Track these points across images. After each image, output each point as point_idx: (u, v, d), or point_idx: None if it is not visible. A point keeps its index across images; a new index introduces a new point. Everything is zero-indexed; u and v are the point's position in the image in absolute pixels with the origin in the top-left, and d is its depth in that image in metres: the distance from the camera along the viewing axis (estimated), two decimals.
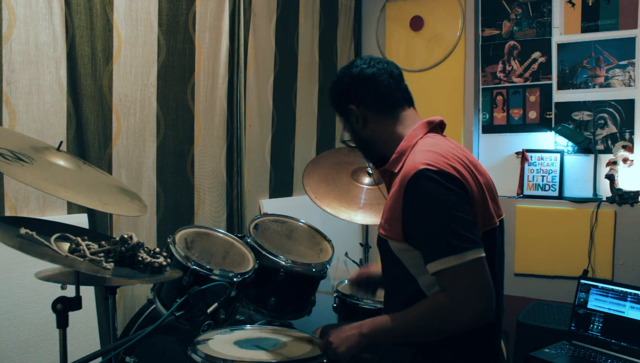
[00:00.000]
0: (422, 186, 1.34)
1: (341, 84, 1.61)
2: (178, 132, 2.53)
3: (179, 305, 1.51)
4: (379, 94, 1.56)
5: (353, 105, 1.57)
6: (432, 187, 1.33)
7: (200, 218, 2.65)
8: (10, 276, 1.87)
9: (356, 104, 1.57)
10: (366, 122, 1.57)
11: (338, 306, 2.31)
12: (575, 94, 3.34)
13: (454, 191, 1.34)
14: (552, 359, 2.24)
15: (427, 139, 1.50)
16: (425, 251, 1.36)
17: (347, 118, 1.61)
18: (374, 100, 1.56)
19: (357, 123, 1.59)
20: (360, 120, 1.57)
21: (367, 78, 1.56)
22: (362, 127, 1.58)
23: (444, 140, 1.51)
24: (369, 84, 1.56)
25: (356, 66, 1.58)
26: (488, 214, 1.45)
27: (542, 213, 3.33)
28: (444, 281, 1.33)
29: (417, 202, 1.36)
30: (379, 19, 3.89)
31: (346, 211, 2.46)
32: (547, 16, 3.41)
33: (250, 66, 2.91)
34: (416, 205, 1.36)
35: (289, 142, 3.29)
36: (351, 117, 1.59)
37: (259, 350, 1.59)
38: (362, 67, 1.57)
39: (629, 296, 2.33)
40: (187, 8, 2.53)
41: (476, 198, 1.40)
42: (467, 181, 1.38)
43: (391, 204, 1.44)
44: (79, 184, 1.43)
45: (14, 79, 1.92)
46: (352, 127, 1.62)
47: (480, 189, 1.43)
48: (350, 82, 1.58)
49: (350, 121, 1.61)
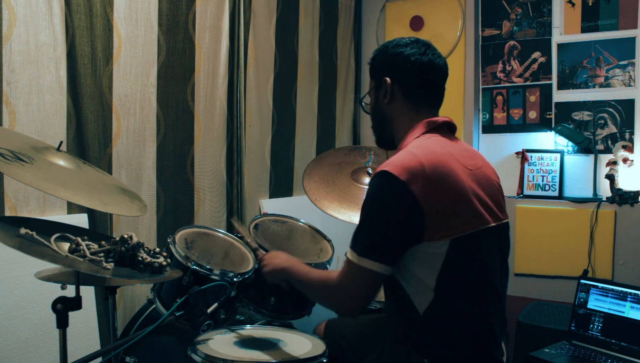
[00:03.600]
0: (374, 183, 1.43)
1: (391, 56, 1.58)
2: (178, 132, 2.53)
3: (179, 305, 1.51)
4: (419, 86, 1.56)
5: (389, 78, 1.57)
6: (379, 187, 1.41)
7: (200, 218, 2.65)
8: (10, 276, 1.87)
9: (392, 79, 1.57)
10: (391, 101, 1.58)
11: None
12: (575, 94, 3.34)
13: (397, 201, 1.37)
14: (552, 359, 2.24)
15: (419, 140, 1.50)
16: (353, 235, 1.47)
17: (377, 87, 1.61)
18: (411, 87, 1.56)
19: (383, 97, 1.58)
20: (387, 95, 1.57)
21: (417, 66, 1.55)
22: (386, 102, 1.58)
23: (436, 142, 1.49)
24: (416, 72, 1.55)
25: (423, 53, 1.55)
26: (468, 219, 1.42)
27: (542, 213, 3.33)
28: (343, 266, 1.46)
29: (366, 195, 1.45)
30: (379, 19, 3.89)
31: (346, 211, 2.45)
32: (547, 16, 3.41)
33: (250, 66, 2.91)
34: (365, 197, 1.45)
35: (289, 142, 3.29)
36: (381, 88, 1.59)
37: (259, 350, 1.59)
38: (429, 56, 1.55)
39: (629, 296, 2.33)
40: (187, 8, 2.53)
41: (432, 208, 1.37)
42: (422, 192, 1.36)
43: None
44: (79, 184, 1.43)
45: (14, 79, 1.92)
46: (377, 98, 1.62)
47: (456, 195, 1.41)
48: (399, 60, 1.56)
49: (378, 91, 1.60)
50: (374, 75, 1.63)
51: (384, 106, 1.59)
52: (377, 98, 1.61)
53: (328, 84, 3.61)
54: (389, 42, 1.61)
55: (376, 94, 1.61)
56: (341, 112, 3.77)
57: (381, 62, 1.60)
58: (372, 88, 1.64)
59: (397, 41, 1.59)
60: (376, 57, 1.62)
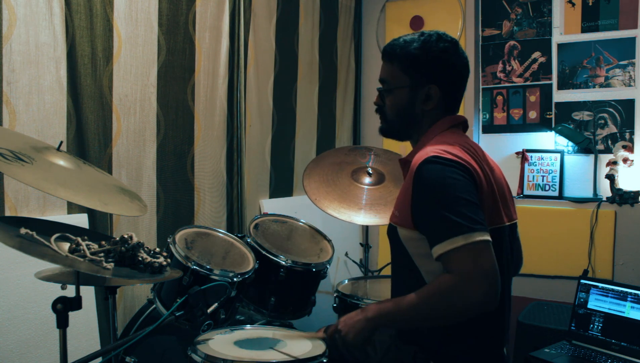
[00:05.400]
0: (429, 170, 1.35)
1: (439, 60, 1.50)
2: (178, 133, 2.53)
3: (179, 305, 1.51)
4: (458, 90, 1.56)
5: (437, 86, 1.50)
6: (438, 170, 1.34)
7: (200, 218, 2.65)
8: (10, 276, 1.87)
9: (440, 88, 1.51)
10: (432, 107, 1.53)
11: (338, 306, 2.31)
12: (575, 94, 3.34)
13: (460, 175, 1.34)
14: (552, 359, 2.24)
15: (447, 134, 1.50)
16: (432, 235, 1.34)
17: (415, 88, 1.52)
18: (453, 93, 1.54)
19: (422, 102, 1.52)
20: (431, 103, 1.51)
21: (461, 73, 1.54)
22: (428, 108, 1.52)
23: (462, 137, 1.52)
24: (460, 79, 1.54)
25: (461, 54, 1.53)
26: (496, 213, 1.44)
27: (542, 213, 3.33)
28: (450, 262, 1.28)
29: (424, 186, 1.36)
30: (379, 19, 3.89)
31: (346, 211, 2.46)
32: (547, 16, 3.41)
33: (250, 66, 2.91)
34: (423, 189, 1.36)
35: (289, 142, 3.29)
36: (421, 91, 1.51)
37: (259, 350, 1.59)
38: (465, 59, 1.53)
39: (629, 296, 2.33)
40: (187, 8, 2.53)
41: (484, 191, 1.39)
42: (476, 171, 1.39)
43: (402, 191, 1.46)
44: (79, 184, 1.43)
45: (14, 79, 1.92)
46: (412, 98, 1.53)
47: (490, 187, 1.43)
48: (449, 68, 1.51)
49: (415, 93, 1.52)
50: (413, 74, 1.52)
51: (421, 110, 1.53)
52: (412, 99, 1.53)
53: (328, 84, 3.61)
54: (428, 42, 1.50)
55: (411, 95, 1.53)
56: (341, 112, 3.77)
57: (426, 64, 1.50)
58: (405, 86, 1.53)
59: (444, 46, 1.50)
60: (419, 57, 1.50)
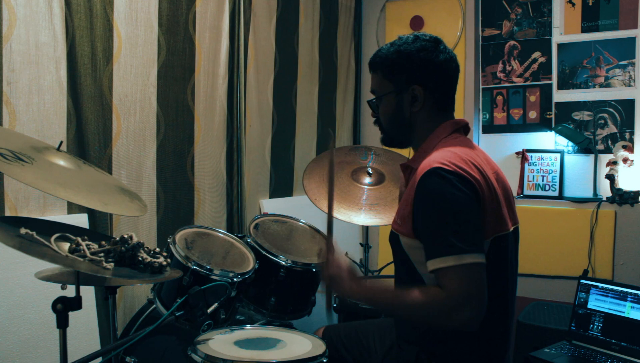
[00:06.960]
0: (433, 183, 1.33)
1: (420, 62, 1.48)
2: (178, 133, 2.53)
3: (179, 305, 1.51)
4: (448, 89, 1.53)
5: (420, 86, 1.48)
6: (442, 185, 1.32)
7: (200, 218, 2.65)
8: (10, 276, 1.87)
9: (424, 87, 1.48)
10: (421, 108, 1.50)
11: (338, 306, 2.31)
12: (575, 94, 3.34)
13: (464, 193, 1.32)
14: (552, 359, 2.23)
15: (450, 140, 1.48)
16: (427, 248, 1.35)
17: (400, 93, 1.50)
18: (441, 92, 1.51)
19: (411, 104, 1.50)
20: (418, 104, 1.49)
21: (447, 70, 1.50)
22: (415, 110, 1.51)
23: (465, 142, 1.50)
24: (446, 77, 1.51)
25: (442, 50, 1.48)
26: (501, 220, 1.43)
27: (542, 213, 3.32)
28: (440, 279, 1.31)
29: (427, 198, 1.35)
30: (379, 19, 3.89)
31: (346, 211, 2.45)
32: (547, 16, 3.41)
33: (250, 66, 2.91)
34: (425, 201, 1.35)
35: (289, 142, 3.29)
36: (407, 94, 1.50)
37: (259, 350, 1.59)
38: (448, 55, 1.50)
39: (629, 296, 2.33)
40: (187, 8, 2.53)
41: (487, 202, 1.38)
42: (479, 184, 1.37)
43: (405, 199, 1.44)
44: (79, 184, 1.43)
45: (14, 79, 1.92)
46: (400, 103, 1.51)
47: (494, 195, 1.41)
48: (430, 67, 1.48)
49: (401, 96, 1.51)
50: (394, 79, 1.51)
51: (410, 112, 1.51)
52: (399, 104, 1.52)
53: (328, 84, 3.61)
54: (404, 43, 1.50)
55: (398, 99, 1.51)
56: (341, 112, 3.77)
57: (405, 66, 1.49)
58: (390, 92, 1.52)
59: (420, 45, 1.49)
60: (396, 61, 1.50)
